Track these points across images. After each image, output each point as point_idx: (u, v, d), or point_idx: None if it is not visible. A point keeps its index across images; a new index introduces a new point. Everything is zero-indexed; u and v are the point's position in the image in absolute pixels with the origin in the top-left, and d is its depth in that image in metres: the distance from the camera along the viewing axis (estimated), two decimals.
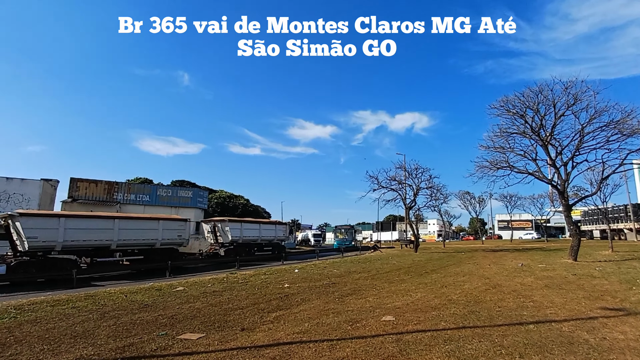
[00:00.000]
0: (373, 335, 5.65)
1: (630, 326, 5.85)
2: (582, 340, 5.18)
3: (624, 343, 5.02)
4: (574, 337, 5.31)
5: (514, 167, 19.96)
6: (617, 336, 5.34)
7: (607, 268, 13.48)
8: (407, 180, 32.77)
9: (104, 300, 9.44)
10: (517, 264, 16.24)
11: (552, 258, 18.99)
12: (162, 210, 35.69)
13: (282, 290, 10.56)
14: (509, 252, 27.25)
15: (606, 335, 5.40)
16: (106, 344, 5.54)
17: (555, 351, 4.73)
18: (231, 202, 57.22)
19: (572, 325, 5.97)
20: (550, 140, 18.35)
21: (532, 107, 18.33)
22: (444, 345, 5.03)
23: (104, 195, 32.43)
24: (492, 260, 19.60)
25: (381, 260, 22.17)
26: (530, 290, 9.55)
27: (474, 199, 60.75)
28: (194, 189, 41.08)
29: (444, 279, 12.42)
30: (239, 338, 5.69)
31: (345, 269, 16.47)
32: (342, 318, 6.90)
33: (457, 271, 14.63)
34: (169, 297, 9.73)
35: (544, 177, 19.49)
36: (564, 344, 5.03)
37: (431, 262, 19.45)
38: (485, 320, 6.43)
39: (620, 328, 5.75)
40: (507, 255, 22.84)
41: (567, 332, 5.62)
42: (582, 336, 5.36)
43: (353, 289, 10.69)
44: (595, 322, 6.14)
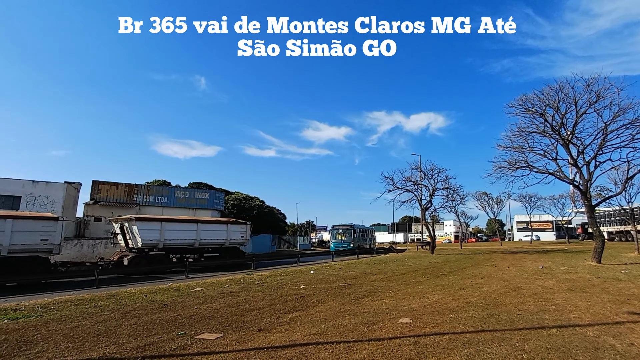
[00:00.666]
0: (390, 338, 5.61)
1: None
2: (608, 345, 5.02)
3: None
4: (600, 343, 5.14)
5: (534, 166, 19.49)
6: None
7: (634, 271, 13.01)
8: (423, 181, 32.44)
9: (125, 300, 9.67)
10: (538, 266, 15.84)
11: (575, 260, 18.45)
12: (180, 212, 36.42)
13: (298, 292, 10.60)
14: (528, 253, 26.61)
15: (634, 341, 5.21)
16: (128, 342, 5.67)
17: (579, 357, 4.59)
18: (247, 203, 57.81)
19: (597, 330, 5.78)
20: (571, 139, 17.85)
21: (552, 106, 17.87)
22: (463, 349, 4.95)
23: (124, 197, 33.26)
24: (511, 262, 19.18)
25: (397, 261, 21.98)
26: (552, 293, 9.30)
27: (492, 200, 59.54)
28: (210, 191, 41.71)
29: (462, 281, 12.23)
30: (256, 339, 5.74)
31: (361, 271, 16.40)
32: (359, 320, 6.88)
33: (475, 273, 14.38)
34: (187, 298, 9.90)
35: (565, 177, 18.97)
36: (588, 349, 4.87)
37: (448, 264, 19.17)
38: (505, 324, 6.30)
39: None
40: (526, 257, 22.31)
41: (592, 337, 5.44)
42: (608, 341, 5.19)
43: (369, 290, 10.64)
44: (622, 327, 5.92)
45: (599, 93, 16.59)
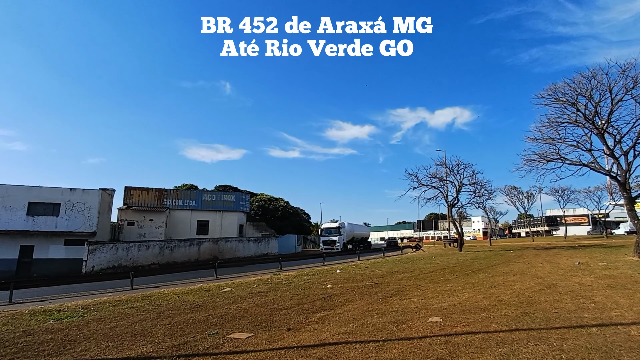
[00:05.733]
0: (420, 337, 5.54)
1: None
2: None
3: None
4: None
5: (566, 158, 18.71)
6: None
7: None
8: (449, 177, 31.77)
9: (159, 300, 10.03)
10: (574, 263, 15.15)
11: (614, 255, 17.51)
12: (207, 214, 37.35)
13: (325, 291, 10.64)
14: (563, 249, 25.51)
15: None
16: (163, 342, 5.89)
17: (624, 357, 4.36)
18: (271, 204, 58.49)
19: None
20: (607, 128, 16.97)
21: (585, 94, 17.08)
22: (497, 348, 4.82)
23: (155, 202, 34.47)
24: (545, 258, 18.44)
25: (424, 259, 21.62)
26: (590, 290, 8.87)
27: (522, 194, 57.71)
28: (236, 194, 42.57)
29: (492, 278, 11.88)
30: (286, 338, 5.82)
31: (388, 269, 16.25)
32: (387, 319, 6.83)
33: (506, 270, 13.93)
34: (217, 298, 10.15)
35: (601, 168, 18.07)
36: (633, 349, 4.63)
37: (477, 261, 18.67)
38: (541, 323, 6.07)
39: None
40: (561, 253, 21.39)
41: (636, 336, 5.16)
42: None
43: (396, 289, 10.53)
44: None
45: (636, 78, 15.70)
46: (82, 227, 26.42)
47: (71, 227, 26.18)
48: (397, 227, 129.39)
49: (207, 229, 36.90)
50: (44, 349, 5.72)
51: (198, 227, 36.43)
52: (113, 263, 25.91)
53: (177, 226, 35.19)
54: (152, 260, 27.74)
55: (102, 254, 25.69)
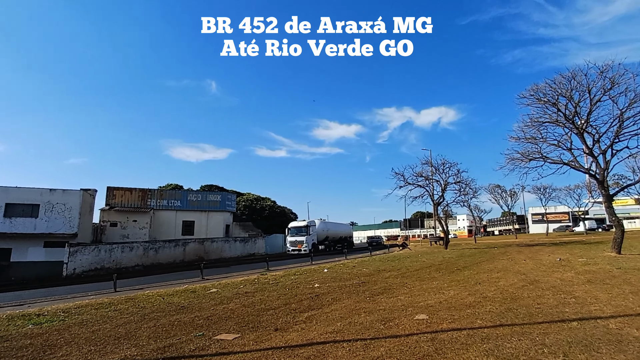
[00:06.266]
0: (407, 334, 5.58)
1: None
2: (632, 337, 4.89)
3: None
4: (623, 335, 5.02)
5: (548, 157, 19.15)
6: None
7: None
8: (434, 175, 32.16)
9: (143, 302, 9.84)
10: (555, 259, 15.55)
11: (593, 251, 18.05)
12: (193, 214, 36.88)
13: (313, 290, 10.62)
14: (545, 246, 26.15)
15: None
16: (148, 344, 5.77)
17: (602, 350, 4.49)
18: (258, 204, 58.15)
19: (619, 322, 5.65)
20: (586, 127, 17.44)
21: (565, 94, 17.52)
22: (482, 344, 4.90)
23: (139, 202, 33.82)
24: (528, 255, 18.87)
25: (410, 258, 21.84)
26: (571, 285, 9.12)
27: (506, 193, 58.86)
28: (222, 193, 42.14)
29: (477, 275, 12.09)
30: (273, 338, 5.78)
31: (375, 268, 16.35)
32: (375, 317, 6.86)
33: (490, 267, 14.19)
34: (203, 299, 10.02)
35: (580, 166, 18.57)
36: (612, 341, 4.76)
37: (463, 259, 18.97)
38: (524, 318, 6.20)
39: None
40: (543, 250, 21.93)
41: (614, 329, 5.32)
42: (631, 334, 5.06)
43: (383, 287, 10.60)
44: None
45: (613, 80, 16.19)
46: (62, 228, 25.72)
47: (51, 229, 25.45)
48: (384, 226, 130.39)
49: (193, 229, 36.44)
50: (23, 355, 5.53)
51: (183, 228, 35.94)
52: (95, 265, 25.32)
53: (161, 227, 34.63)
54: (136, 262, 27.23)
55: (83, 256, 25.06)
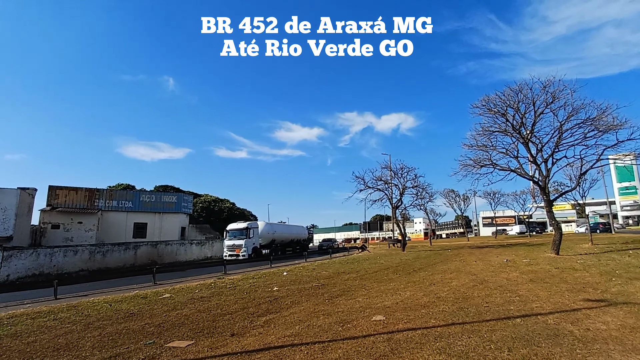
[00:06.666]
0: (364, 336, 5.65)
1: (612, 316, 6.02)
2: (567, 332, 5.30)
3: (606, 333, 5.16)
4: (559, 329, 5.43)
5: (497, 164, 20.32)
6: (599, 327, 5.48)
7: (588, 261, 13.87)
8: (393, 180, 33.10)
9: (88, 310, 9.17)
10: (503, 260, 16.55)
11: (536, 253, 19.42)
12: (146, 216, 35.11)
13: (272, 294, 10.48)
14: (494, 248, 27.76)
15: (589, 326, 5.54)
16: (91, 355, 5.37)
17: (542, 344, 4.82)
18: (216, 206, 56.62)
19: (557, 318, 6.10)
20: (530, 137, 18.78)
21: (513, 106, 18.73)
22: (435, 343, 5.07)
23: (85, 203, 31.65)
24: (478, 256, 19.91)
25: (369, 260, 22.26)
26: (516, 285, 9.73)
27: (459, 197, 61.92)
28: (178, 194, 40.50)
29: (432, 276, 12.55)
30: (229, 344, 5.61)
31: (334, 270, 16.47)
32: (333, 319, 6.88)
33: (444, 269, 14.80)
34: (155, 305, 9.53)
35: (525, 173, 19.93)
36: (550, 336, 5.13)
37: (419, 261, 19.64)
38: (474, 316, 6.52)
39: (602, 318, 5.91)
40: (492, 252, 23.26)
41: (552, 324, 5.74)
42: (566, 328, 5.49)
43: (342, 289, 10.69)
44: (579, 314, 6.29)
45: (554, 94, 17.58)
46: None
47: None
48: (344, 229, 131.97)
49: (145, 232, 34.63)
50: None
51: (135, 230, 34.03)
52: (33, 271, 23.22)
53: (110, 229, 32.55)
54: (80, 267, 25.35)
55: (19, 261, 22.90)
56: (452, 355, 4.56)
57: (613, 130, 16.82)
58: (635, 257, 14.06)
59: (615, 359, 4.24)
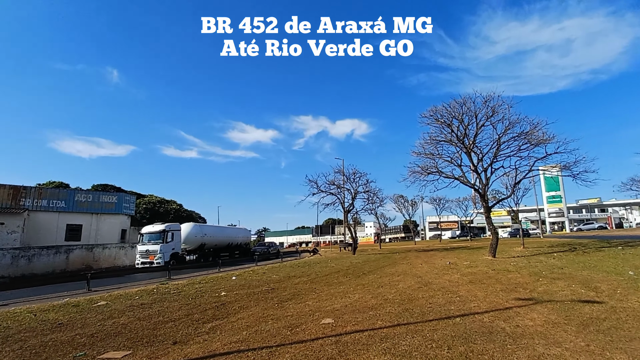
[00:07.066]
0: (312, 339, 5.63)
1: (538, 313, 6.58)
2: (499, 329, 5.70)
3: (532, 329, 5.63)
4: (493, 327, 5.82)
5: (442, 172, 21.46)
6: (527, 323, 5.96)
7: (520, 263, 15.09)
8: (346, 184, 33.67)
9: (7, 322, 8.19)
10: (446, 262, 17.46)
11: (475, 256, 20.74)
12: (81, 217, 32.47)
13: (219, 299, 10.12)
14: (438, 251, 29.22)
15: (519, 322, 6.01)
16: None
17: (477, 341, 5.13)
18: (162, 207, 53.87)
19: (491, 316, 6.54)
20: (472, 148, 20.12)
21: (458, 118, 19.98)
22: (381, 343, 5.19)
23: (8, 201, 28.52)
24: (424, 259, 20.83)
25: (320, 263, 22.39)
26: (456, 286, 10.30)
27: (407, 202, 64.49)
28: (119, 194, 37.86)
29: (380, 279, 12.90)
30: (171, 352, 5.30)
31: (285, 274, 16.33)
32: (282, 324, 6.80)
33: (392, 271, 15.28)
34: (88, 314, 8.77)
35: (467, 181, 21.27)
36: (485, 333, 5.48)
37: (368, 264, 20.11)
38: (418, 317, 6.78)
39: (530, 315, 6.45)
40: (436, 255, 24.46)
41: (487, 322, 6.14)
42: (499, 325, 5.90)
43: (292, 293, 10.62)
44: (510, 312, 6.80)
45: (494, 108, 19.04)
46: None
47: None
48: (296, 232, 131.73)
49: (80, 234, 31.92)
50: None
51: (68, 232, 31.20)
52: None
53: (39, 231, 29.54)
54: (1, 273, 22.76)
55: None
56: (397, 355, 4.69)
57: (543, 144, 18.59)
58: (558, 259, 15.55)
59: (539, 351, 4.62)
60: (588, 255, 16.11)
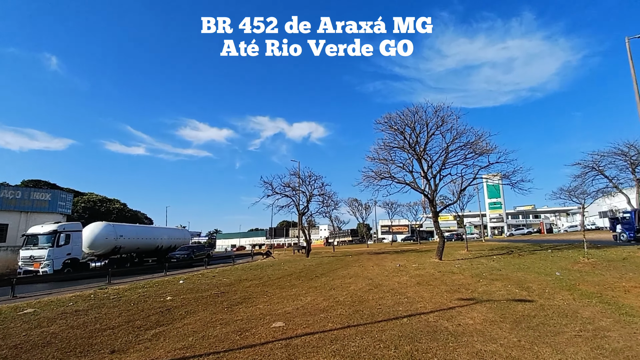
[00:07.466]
0: (262, 343, 5.53)
1: (478, 312, 7.01)
2: (443, 327, 5.98)
3: (472, 327, 5.97)
4: (437, 326, 6.09)
5: (395, 177, 22.23)
6: (468, 321, 6.32)
7: (463, 265, 16.00)
8: (301, 187, 33.68)
9: None
10: (396, 265, 18.05)
11: (424, 258, 21.65)
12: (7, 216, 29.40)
13: (164, 304, 9.61)
14: (389, 254, 30.12)
15: (460, 321, 6.35)
16: None
17: (422, 340, 5.34)
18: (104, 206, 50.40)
19: (436, 316, 6.85)
20: (423, 155, 21.07)
21: (410, 125, 20.82)
22: (331, 346, 5.22)
23: None
24: (375, 262, 21.36)
25: (273, 266, 22.14)
26: (405, 287, 10.67)
27: (361, 206, 66.07)
28: (53, 191, 34.78)
29: (333, 281, 13.01)
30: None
31: (236, 277, 15.94)
32: (231, 328, 6.60)
33: (344, 274, 15.49)
34: (12, 323, 7.92)
35: (418, 187, 22.23)
36: (429, 332, 5.72)
37: (321, 266, 20.22)
38: (368, 318, 6.92)
39: (470, 315, 6.84)
40: (387, 257, 25.18)
41: (432, 322, 6.42)
42: (443, 324, 6.19)
43: (243, 297, 10.37)
44: (453, 312, 7.17)
45: (443, 118, 20.11)
46: None
47: None
48: (249, 234, 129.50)
49: (5, 234, 28.82)
50: None
51: None
52: None
53: None
54: None
55: None
56: (346, 357, 4.74)
57: (486, 154, 19.94)
58: (497, 261, 16.71)
59: (478, 348, 4.91)
60: (523, 258, 17.48)
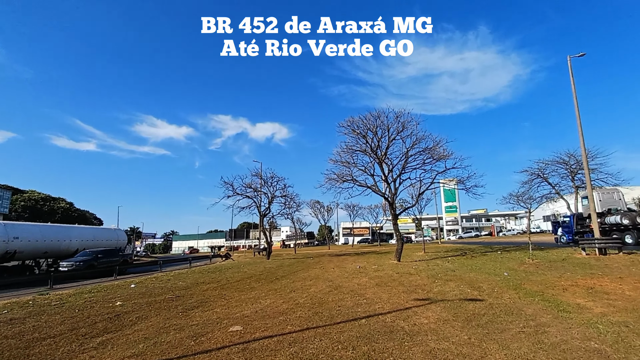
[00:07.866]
0: (219, 348, 5.37)
1: (433, 312, 7.26)
2: (399, 327, 6.14)
3: (427, 326, 6.18)
4: (394, 326, 6.24)
5: (357, 180, 22.58)
6: (423, 321, 6.53)
7: (420, 266, 16.56)
8: (263, 188, 33.27)
9: None
10: (356, 267, 18.31)
11: (383, 260, 22.16)
12: None
13: (113, 310, 9.06)
14: (350, 256, 30.54)
15: (416, 321, 6.55)
16: None
17: (380, 340, 5.44)
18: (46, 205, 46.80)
19: (393, 316, 7.02)
20: (384, 159, 21.60)
21: (372, 130, 21.28)
22: (289, 348, 5.17)
23: None
24: (336, 264, 21.55)
25: (232, 268, 21.65)
26: (364, 289, 10.83)
27: (323, 208, 66.40)
28: None
29: (293, 284, 12.95)
30: None
31: (193, 280, 15.39)
32: (185, 333, 6.35)
33: (305, 276, 15.47)
34: None
35: (379, 190, 22.73)
36: (387, 332, 5.84)
37: (282, 269, 20.06)
38: (327, 320, 6.94)
39: (425, 314, 7.07)
40: (348, 259, 25.52)
41: (389, 322, 6.56)
42: (400, 324, 6.35)
43: (200, 300, 10.03)
44: (409, 312, 7.38)
45: (404, 124, 20.76)
46: None
47: None
48: (208, 236, 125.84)
49: None
50: None
51: None
52: None
53: None
54: None
55: None
56: (304, 359, 4.71)
57: (443, 160, 20.83)
58: (452, 262, 17.48)
59: (431, 346, 5.08)
60: (475, 259, 18.42)
